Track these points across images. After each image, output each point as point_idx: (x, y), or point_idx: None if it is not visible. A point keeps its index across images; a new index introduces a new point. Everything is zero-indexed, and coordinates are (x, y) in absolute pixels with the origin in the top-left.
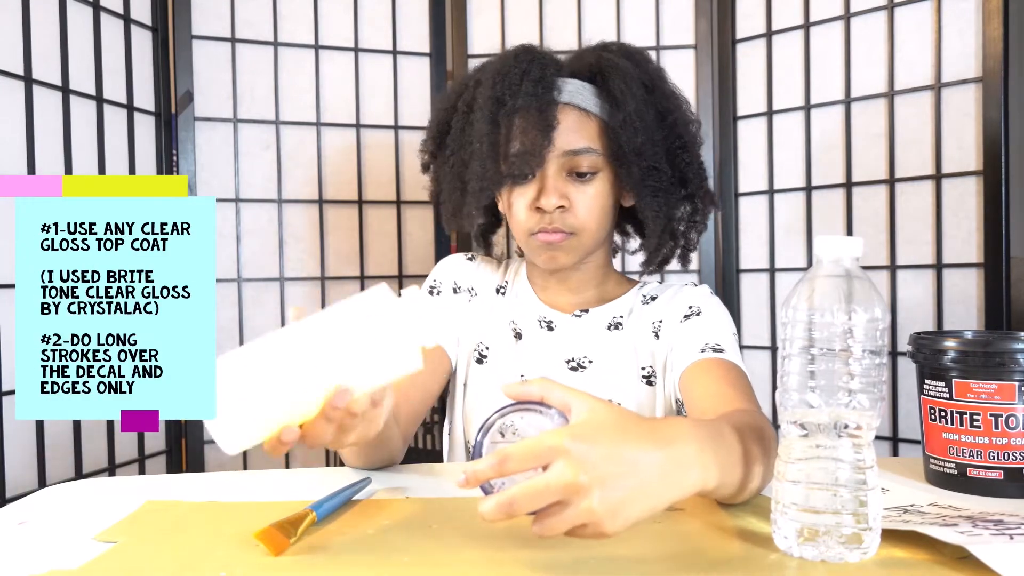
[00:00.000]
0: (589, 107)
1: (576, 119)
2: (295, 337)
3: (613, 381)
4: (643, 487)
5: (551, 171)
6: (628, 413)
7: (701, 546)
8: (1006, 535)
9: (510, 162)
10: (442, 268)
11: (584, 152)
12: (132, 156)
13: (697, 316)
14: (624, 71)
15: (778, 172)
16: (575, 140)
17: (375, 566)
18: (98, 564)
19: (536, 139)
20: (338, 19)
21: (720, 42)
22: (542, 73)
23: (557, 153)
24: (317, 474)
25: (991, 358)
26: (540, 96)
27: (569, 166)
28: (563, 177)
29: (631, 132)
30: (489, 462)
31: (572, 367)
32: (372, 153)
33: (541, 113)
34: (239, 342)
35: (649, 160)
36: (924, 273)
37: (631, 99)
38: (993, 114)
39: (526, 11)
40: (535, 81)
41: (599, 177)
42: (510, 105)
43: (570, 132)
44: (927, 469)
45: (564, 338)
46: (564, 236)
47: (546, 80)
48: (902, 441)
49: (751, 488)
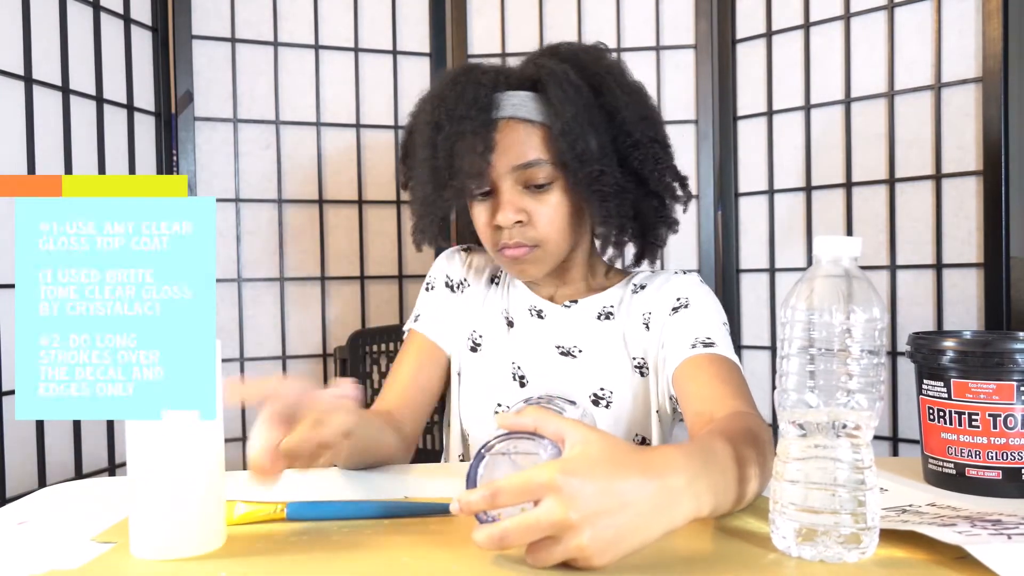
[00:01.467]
0: (533, 117)
1: (522, 132)
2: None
3: (604, 369)
4: (634, 522)
5: (505, 187)
6: (622, 445)
7: (700, 546)
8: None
9: (450, 186)
10: (436, 265)
11: (534, 164)
12: (132, 156)
13: (686, 308)
14: (561, 77)
15: (778, 172)
16: (523, 153)
17: (375, 566)
18: (98, 564)
19: (475, 161)
20: (338, 19)
21: (720, 42)
22: (476, 93)
23: (507, 169)
24: (317, 474)
25: (990, 358)
26: (474, 118)
27: (523, 180)
28: (519, 191)
29: (571, 138)
30: (481, 494)
31: (562, 352)
32: (372, 153)
33: (476, 135)
34: (239, 342)
35: (595, 164)
36: (924, 273)
37: (569, 105)
38: (993, 114)
39: (526, 11)
40: (469, 103)
41: (556, 186)
42: (447, 130)
43: (517, 145)
44: (926, 469)
45: (554, 326)
46: (528, 249)
47: (480, 100)
48: (901, 441)
49: (748, 496)
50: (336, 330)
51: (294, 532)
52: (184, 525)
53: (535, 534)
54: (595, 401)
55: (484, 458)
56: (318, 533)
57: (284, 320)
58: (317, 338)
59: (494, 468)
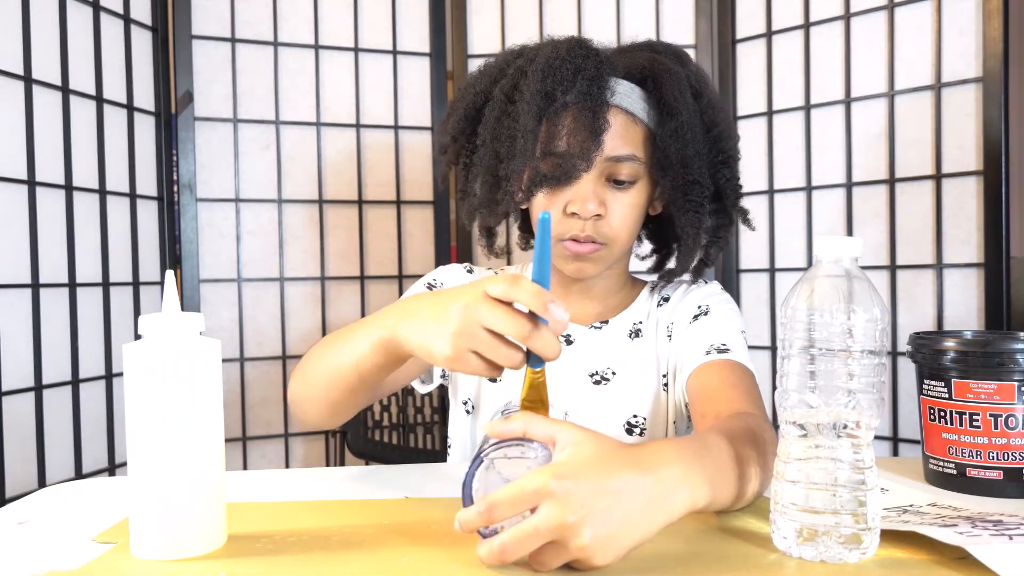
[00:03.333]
0: (637, 112)
1: (623, 124)
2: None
3: (636, 392)
4: (632, 517)
5: (592, 176)
6: (612, 443)
7: (700, 546)
8: (1005, 535)
9: (554, 163)
10: (443, 272)
11: (627, 159)
12: (132, 156)
13: (705, 316)
14: (677, 77)
15: (778, 172)
16: (620, 146)
17: (375, 566)
18: (98, 564)
19: (586, 141)
20: (338, 19)
21: (720, 42)
22: (597, 71)
23: (601, 158)
24: (317, 474)
25: (990, 358)
26: (594, 96)
27: (609, 172)
28: (602, 183)
29: (680, 143)
30: (477, 509)
31: (595, 381)
32: (372, 153)
33: (594, 114)
34: (239, 342)
35: (694, 173)
36: (924, 273)
37: (683, 108)
38: (993, 114)
39: (526, 11)
40: (590, 79)
41: (637, 186)
42: (560, 102)
43: (616, 137)
44: (926, 469)
45: (585, 352)
46: (595, 247)
47: (601, 79)
48: (902, 441)
49: (748, 495)
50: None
51: (294, 532)
52: (184, 525)
53: (535, 542)
54: (628, 430)
55: (478, 467)
56: (318, 533)
57: (284, 320)
58: (317, 338)
59: (487, 478)
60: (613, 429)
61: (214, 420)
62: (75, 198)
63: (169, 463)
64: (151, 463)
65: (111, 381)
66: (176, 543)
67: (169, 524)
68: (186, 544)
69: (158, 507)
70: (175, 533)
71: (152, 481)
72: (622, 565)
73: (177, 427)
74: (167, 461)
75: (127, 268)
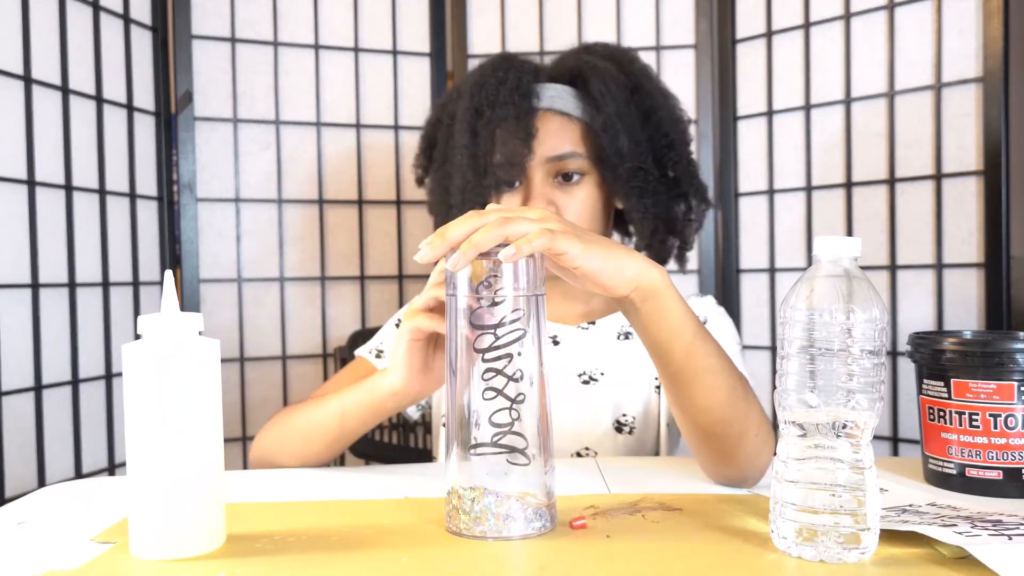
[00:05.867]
0: (570, 111)
1: (558, 124)
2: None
3: (626, 392)
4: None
5: (536, 178)
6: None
7: (700, 546)
8: (1005, 535)
9: (492, 173)
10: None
11: (568, 156)
12: (132, 156)
13: (705, 324)
14: (604, 72)
15: (778, 172)
16: (558, 145)
17: (375, 566)
18: (98, 564)
19: (516, 148)
20: (338, 19)
21: (720, 42)
22: (518, 81)
23: (540, 160)
24: (317, 474)
25: (990, 358)
26: (517, 104)
27: (555, 171)
28: (550, 183)
29: (612, 134)
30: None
31: (584, 381)
32: (372, 153)
33: (519, 121)
34: (239, 342)
35: (633, 161)
36: (924, 273)
37: (611, 101)
38: (993, 114)
39: (526, 11)
40: (512, 89)
41: (586, 181)
42: (488, 115)
43: (552, 137)
44: (926, 469)
45: (572, 352)
46: None
47: (523, 88)
48: (902, 441)
49: (704, 365)
50: (336, 330)
51: (293, 532)
52: (184, 525)
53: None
54: (617, 428)
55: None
56: (318, 533)
57: (284, 320)
58: (317, 338)
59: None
60: (602, 427)
61: (214, 420)
62: (75, 198)
63: (168, 463)
64: (150, 463)
65: (111, 381)
66: (175, 543)
67: (168, 524)
68: (185, 544)
69: (157, 507)
70: (174, 533)
71: (151, 481)
72: (621, 562)
73: (176, 427)
74: (166, 461)
75: (127, 268)
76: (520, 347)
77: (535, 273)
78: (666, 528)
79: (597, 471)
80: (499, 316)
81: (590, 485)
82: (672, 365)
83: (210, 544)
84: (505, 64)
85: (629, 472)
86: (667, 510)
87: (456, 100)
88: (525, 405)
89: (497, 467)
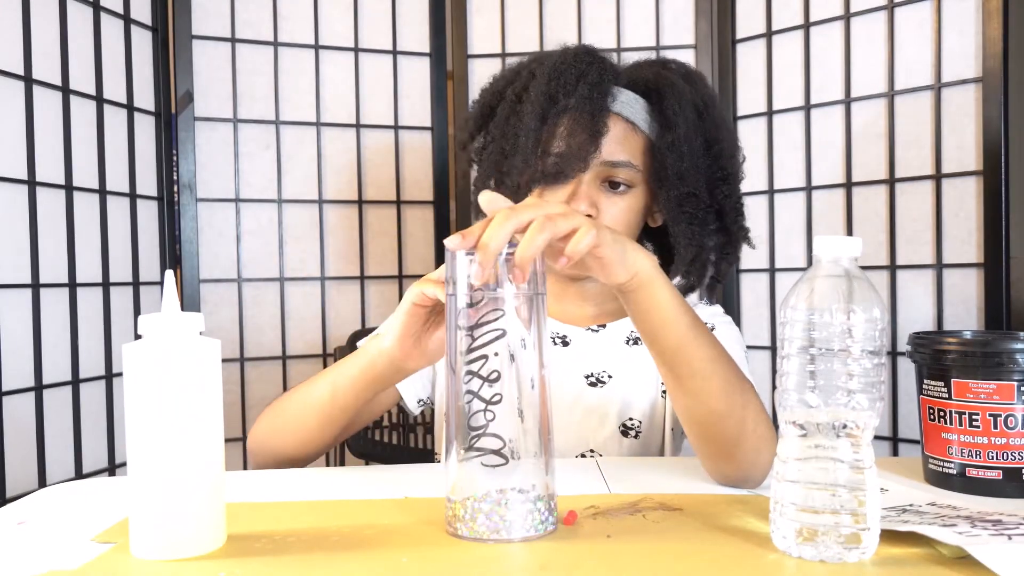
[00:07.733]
0: (638, 121)
1: (623, 131)
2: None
3: (633, 395)
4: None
5: (587, 178)
6: None
7: (700, 546)
8: (1004, 535)
9: (551, 162)
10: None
11: (623, 165)
12: (132, 156)
13: (713, 331)
14: (680, 92)
15: (778, 172)
16: (617, 151)
17: (375, 566)
18: (98, 564)
19: (583, 143)
20: (338, 19)
21: (720, 42)
22: (599, 78)
23: (597, 161)
24: (317, 474)
25: (990, 358)
26: (594, 101)
27: (605, 176)
28: (596, 186)
29: (677, 156)
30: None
31: (591, 382)
32: (372, 153)
33: (592, 118)
34: (239, 342)
35: (690, 186)
36: (924, 273)
37: (683, 122)
38: (993, 114)
39: (526, 11)
40: (592, 85)
41: (632, 192)
42: (562, 104)
43: (614, 142)
44: (926, 469)
45: (581, 353)
46: None
47: (603, 86)
48: (902, 441)
49: (699, 360)
50: (336, 330)
51: (294, 532)
52: (184, 525)
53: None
54: (623, 431)
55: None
56: (318, 533)
57: (284, 320)
58: (317, 338)
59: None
60: (608, 430)
61: (214, 420)
62: (75, 198)
63: (169, 463)
64: (151, 463)
65: (111, 381)
66: (176, 543)
67: (169, 524)
68: (186, 544)
69: (158, 507)
70: (175, 533)
71: (152, 481)
72: (621, 562)
73: (177, 427)
74: (167, 461)
75: (127, 268)
76: (496, 348)
77: (535, 273)
78: (666, 528)
79: (597, 471)
80: (475, 318)
81: (590, 485)
82: (665, 353)
83: (210, 544)
84: (588, 58)
85: (629, 472)
86: (667, 510)
87: (528, 79)
88: (501, 406)
89: (497, 467)
